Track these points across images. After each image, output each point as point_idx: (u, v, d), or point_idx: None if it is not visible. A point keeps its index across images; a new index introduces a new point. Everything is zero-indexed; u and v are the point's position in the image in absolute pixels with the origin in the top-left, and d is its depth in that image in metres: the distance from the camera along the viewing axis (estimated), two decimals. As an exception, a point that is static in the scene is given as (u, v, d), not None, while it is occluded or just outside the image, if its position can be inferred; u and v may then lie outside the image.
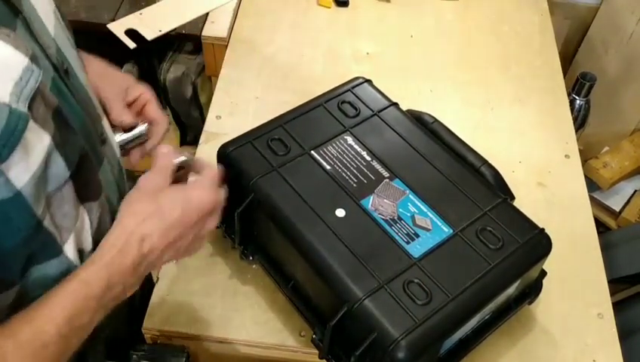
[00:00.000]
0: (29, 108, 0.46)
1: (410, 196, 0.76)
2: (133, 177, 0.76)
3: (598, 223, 1.51)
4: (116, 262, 0.55)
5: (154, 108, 0.77)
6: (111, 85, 0.74)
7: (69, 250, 0.56)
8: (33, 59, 0.47)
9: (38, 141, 0.48)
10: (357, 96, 0.87)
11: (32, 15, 0.52)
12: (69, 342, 0.52)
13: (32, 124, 0.47)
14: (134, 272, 0.56)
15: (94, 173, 0.60)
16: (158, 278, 0.83)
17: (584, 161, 1.48)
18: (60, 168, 0.52)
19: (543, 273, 0.79)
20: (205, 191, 0.61)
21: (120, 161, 0.70)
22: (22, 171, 0.47)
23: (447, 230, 0.73)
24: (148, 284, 0.84)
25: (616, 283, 1.39)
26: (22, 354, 0.48)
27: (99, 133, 0.63)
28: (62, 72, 0.55)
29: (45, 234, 0.52)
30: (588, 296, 0.87)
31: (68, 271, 0.55)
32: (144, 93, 0.77)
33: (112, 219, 0.64)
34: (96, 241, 0.60)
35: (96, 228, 0.60)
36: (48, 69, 0.52)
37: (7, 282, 0.52)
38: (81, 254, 0.59)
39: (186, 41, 1.39)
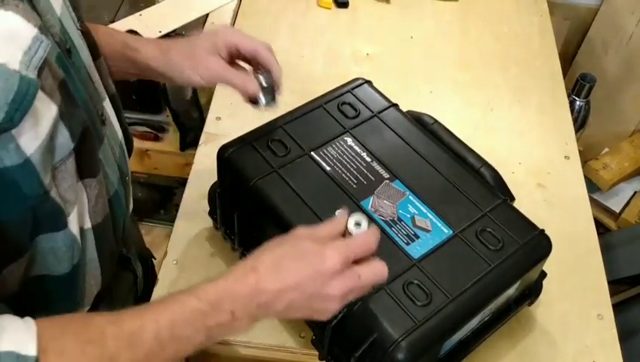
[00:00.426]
0: (38, 77, 0.47)
1: (410, 197, 0.76)
2: (139, 183, 0.76)
3: (598, 224, 1.50)
4: (229, 285, 0.55)
5: (250, 53, 0.76)
6: (205, 62, 0.74)
7: (72, 224, 0.57)
8: (42, 29, 0.49)
9: (47, 110, 0.50)
10: (357, 97, 0.87)
11: None
12: (163, 348, 0.51)
13: (40, 93, 0.48)
14: (245, 304, 0.55)
15: (94, 151, 0.60)
16: (158, 279, 0.83)
17: (584, 162, 1.49)
18: (65, 139, 0.53)
19: (543, 274, 0.79)
20: (330, 251, 0.57)
21: (122, 143, 0.71)
22: (31, 139, 0.48)
23: (446, 231, 0.73)
24: (148, 285, 0.84)
25: (616, 284, 1.39)
26: (119, 341, 0.50)
27: (99, 114, 0.64)
28: (64, 50, 0.56)
29: (52, 204, 0.53)
30: (588, 297, 0.87)
31: (72, 246, 0.57)
32: (234, 45, 0.76)
33: (111, 200, 0.65)
34: (93, 219, 0.61)
35: (93, 205, 0.60)
36: (53, 45, 0.53)
37: (20, 248, 0.52)
38: (81, 231, 0.60)
39: (185, 42, 1.39)
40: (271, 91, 0.77)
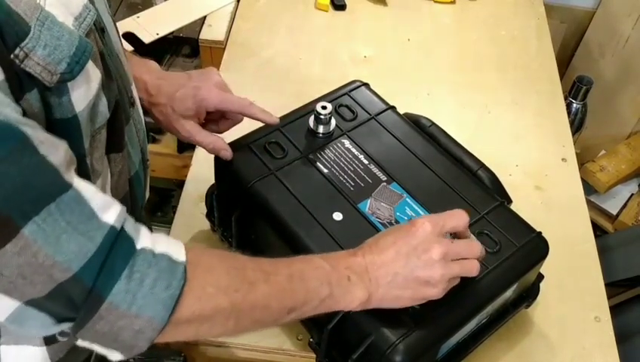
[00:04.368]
0: None
1: (407, 200, 0.76)
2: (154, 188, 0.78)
3: (595, 227, 1.51)
4: (343, 255, 0.63)
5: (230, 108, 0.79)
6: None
7: None
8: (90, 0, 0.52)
9: (94, 74, 0.52)
10: (354, 100, 0.87)
11: None
12: (294, 290, 0.58)
13: None
14: (358, 273, 0.61)
15: (122, 126, 0.62)
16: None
17: (581, 165, 1.49)
18: (104, 108, 0.55)
19: (541, 276, 0.79)
20: (420, 219, 0.63)
21: (144, 129, 0.72)
22: (82, 97, 0.51)
23: (444, 233, 0.73)
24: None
25: (613, 286, 1.39)
26: (258, 273, 0.56)
27: (128, 95, 0.65)
28: (99, 30, 0.57)
29: (86, 169, 0.55)
30: (585, 299, 0.87)
31: None
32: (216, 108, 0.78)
33: (131, 179, 0.66)
34: (115, 195, 0.62)
35: (116, 180, 0.62)
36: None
37: None
38: None
39: (183, 44, 1.39)
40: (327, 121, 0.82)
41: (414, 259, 0.61)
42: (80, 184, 0.47)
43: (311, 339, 0.73)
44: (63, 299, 0.46)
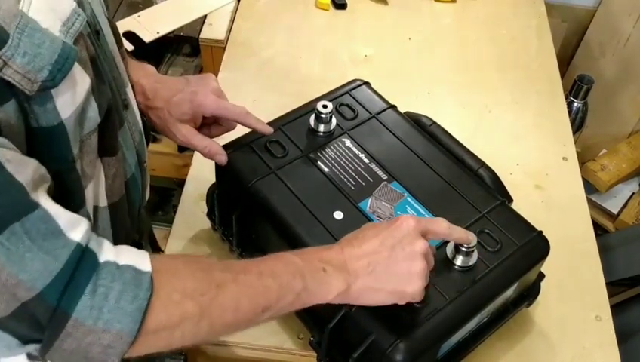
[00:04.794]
0: None
1: (408, 199, 0.76)
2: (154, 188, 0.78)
3: (596, 226, 1.51)
4: (318, 250, 0.62)
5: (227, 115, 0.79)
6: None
7: (87, 201, 0.58)
8: (80, 4, 0.52)
9: (81, 80, 0.52)
10: (355, 99, 0.87)
11: None
12: (267, 288, 0.57)
13: (76, 63, 0.50)
14: (335, 266, 0.60)
15: (115, 130, 0.62)
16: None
17: (582, 164, 1.49)
18: (94, 113, 0.55)
19: (541, 275, 0.79)
20: (403, 216, 0.63)
21: (141, 130, 0.72)
22: (68, 103, 0.50)
23: (445, 232, 0.73)
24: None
25: (614, 285, 1.39)
26: (226, 273, 0.55)
27: (122, 98, 0.65)
28: (93, 31, 0.57)
29: (76, 175, 0.55)
30: (586, 298, 0.87)
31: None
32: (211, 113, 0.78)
33: (127, 182, 0.66)
34: (110, 198, 0.62)
35: (110, 183, 0.62)
36: (85, 23, 0.55)
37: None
38: (95, 211, 0.61)
39: (183, 43, 1.40)
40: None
41: (399, 250, 0.60)
42: (47, 203, 0.47)
43: (312, 338, 0.73)
44: (27, 319, 0.46)
